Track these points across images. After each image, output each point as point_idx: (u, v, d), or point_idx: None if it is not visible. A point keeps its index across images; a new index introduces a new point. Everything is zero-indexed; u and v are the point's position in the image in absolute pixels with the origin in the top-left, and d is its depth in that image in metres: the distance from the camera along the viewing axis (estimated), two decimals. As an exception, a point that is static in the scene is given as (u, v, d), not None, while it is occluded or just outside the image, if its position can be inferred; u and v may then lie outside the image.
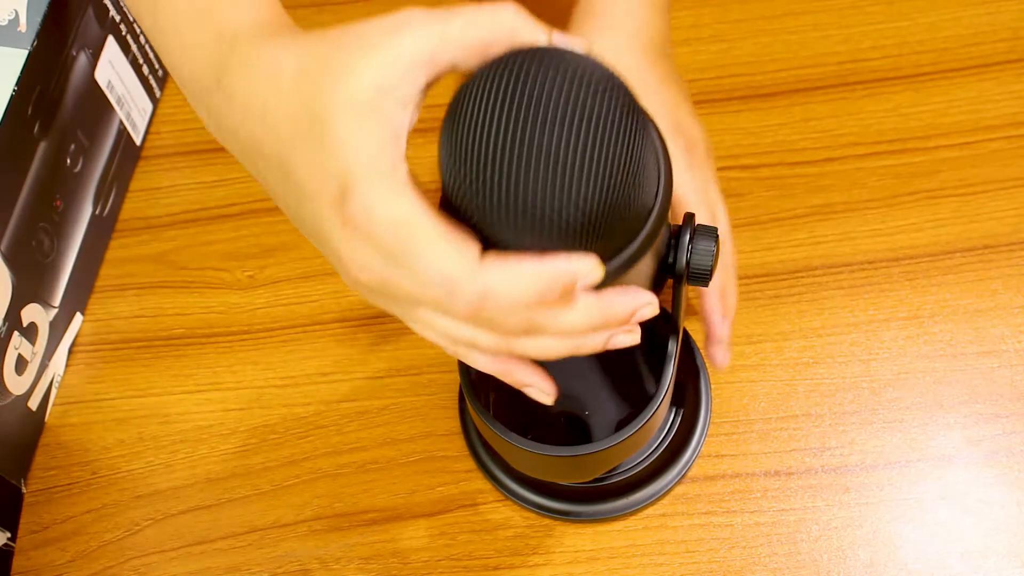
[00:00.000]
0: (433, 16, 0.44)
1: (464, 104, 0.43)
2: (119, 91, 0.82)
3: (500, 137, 0.42)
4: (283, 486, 0.72)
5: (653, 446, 0.68)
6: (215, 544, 0.70)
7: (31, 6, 0.72)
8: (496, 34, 0.44)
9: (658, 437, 0.68)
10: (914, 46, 0.83)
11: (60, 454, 0.74)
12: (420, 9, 0.45)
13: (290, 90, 0.45)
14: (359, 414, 0.74)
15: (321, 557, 0.69)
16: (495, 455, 0.69)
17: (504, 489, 0.69)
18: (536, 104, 0.42)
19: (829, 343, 0.73)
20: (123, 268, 0.81)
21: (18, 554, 0.71)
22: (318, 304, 0.77)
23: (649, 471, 0.68)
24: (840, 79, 0.82)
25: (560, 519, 0.68)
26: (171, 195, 0.83)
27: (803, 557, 0.67)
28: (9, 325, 0.69)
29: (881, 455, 0.69)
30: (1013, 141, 0.78)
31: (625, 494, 0.68)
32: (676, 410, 0.69)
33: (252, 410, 0.74)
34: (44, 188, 0.73)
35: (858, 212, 0.77)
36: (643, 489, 0.68)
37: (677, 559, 0.67)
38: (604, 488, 0.68)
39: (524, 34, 0.45)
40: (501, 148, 0.42)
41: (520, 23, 0.45)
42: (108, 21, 0.80)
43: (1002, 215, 0.76)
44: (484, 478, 0.70)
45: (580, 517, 0.68)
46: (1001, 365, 0.71)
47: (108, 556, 0.70)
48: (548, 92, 0.42)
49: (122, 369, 0.77)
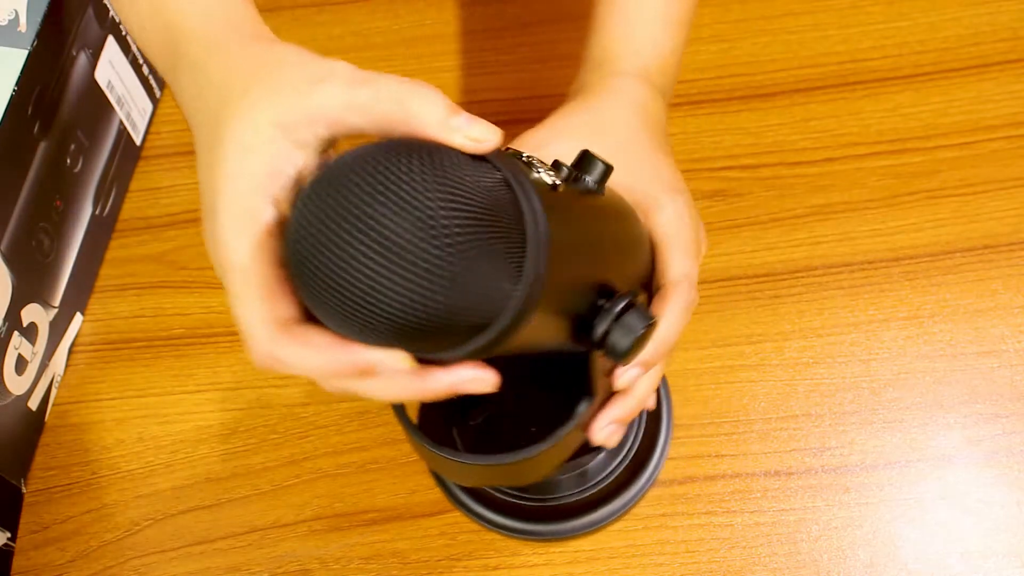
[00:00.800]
0: (354, 78, 0.47)
1: (300, 196, 0.44)
2: (119, 91, 0.82)
3: (308, 239, 0.43)
4: (283, 486, 0.72)
5: (613, 464, 0.68)
6: (215, 544, 0.70)
7: (31, 6, 0.72)
8: (396, 116, 0.46)
9: (620, 452, 0.69)
10: (914, 46, 0.83)
11: (60, 454, 0.74)
12: (349, 68, 0.47)
13: (213, 102, 0.49)
14: (359, 414, 0.74)
15: (321, 557, 0.69)
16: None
17: (465, 509, 0.69)
18: (347, 217, 0.42)
19: (829, 343, 0.73)
20: (123, 268, 0.81)
21: (18, 554, 0.71)
22: (318, 304, 0.77)
23: (613, 487, 0.68)
24: (840, 79, 0.82)
25: (520, 538, 0.68)
26: (171, 195, 0.83)
27: (803, 557, 0.67)
28: (9, 325, 0.69)
29: (881, 455, 0.69)
30: (1013, 141, 0.78)
31: (589, 511, 0.68)
32: (638, 424, 0.69)
33: (252, 410, 0.74)
34: (44, 188, 0.73)
35: (858, 212, 0.77)
36: (608, 504, 0.68)
37: (677, 559, 0.67)
38: (570, 505, 0.68)
39: (420, 124, 0.45)
40: (308, 250, 0.43)
41: (423, 111, 0.46)
42: (108, 21, 0.80)
43: (1002, 215, 0.76)
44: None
45: (540, 536, 0.68)
46: (1001, 365, 0.71)
47: (108, 556, 0.70)
48: (361, 207, 0.42)
49: (122, 369, 0.77)
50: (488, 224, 0.43)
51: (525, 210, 0.44)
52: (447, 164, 0.44)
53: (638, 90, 0.63)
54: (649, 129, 0.62)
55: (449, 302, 0.43)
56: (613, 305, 0.52)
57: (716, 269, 0.76)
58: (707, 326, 0.74)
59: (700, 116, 0.81)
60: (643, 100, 0.63)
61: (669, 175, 0.61)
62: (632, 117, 0.62)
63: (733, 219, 0.77)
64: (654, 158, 0.61)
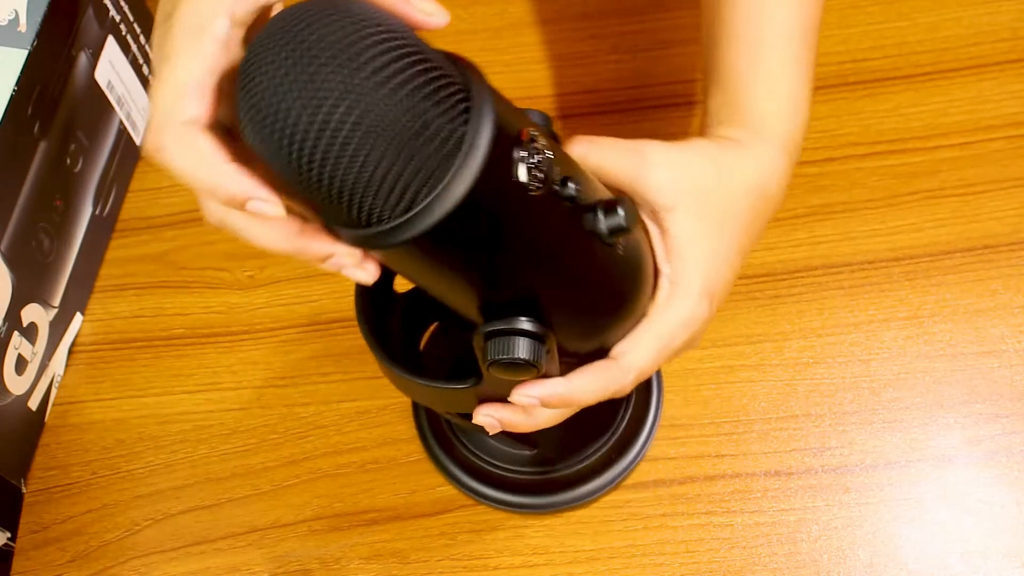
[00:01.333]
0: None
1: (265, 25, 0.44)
2: (119, 91, 0.82)
3: (257, 52, 0.43)
4: (283, 486, 0.72)
5: (602, 440, 0.69)
6: (215, 544, 0.70)
7: (31, 6, 0.72)
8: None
9: (608, 430, 0.69)
10: (914, 46, 0.83)
11: (60, 454, 0.74)
12: None
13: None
14: (359, 414, 0.74)
15: (321, 557, 0.69)
16: (448, 451, 0.70)
17: (458, 483, 0.70)
18: (295, 36, 0.42)
19: (829, 343, 0.73)
20: (123, 268, 0.81)
21: (18, 554, 0.71)
22: (318, 304, 0.77)
23: (600, 463, 0.69)
24: (840, 79, 0.82)
25: (507, 510, 0.69)
26: (171, 195, 0.83)
27: (803, 557, 0.67)
28: (9, 325, 0.69)
29: (881, 455, 0.69)
30: (1013, 141, 0.78)
31: (575, 486, 0.69)
32: (626, 403, 0.70)
33: (252, 410, 0.74)
34: (44, 188, 0.73)
35: (858, 212, 0.77)
36: (593, 481, 0.69)
37: (677, 559, 0.67)
38: (554, 480, 0.69)
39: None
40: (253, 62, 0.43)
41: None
42: (108, 21, 0.80)
43: (1002, 215, 0.76)
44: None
45: (526, 509, 0.69)
46: (1001, 365, 0.71)
47: (108, 556, 0.70)
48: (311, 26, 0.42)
49: (122, 369, 0.77)
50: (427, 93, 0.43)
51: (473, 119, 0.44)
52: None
53: (774, 165, 0.59)
54: (750, 219, 0.58)
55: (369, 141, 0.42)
56: (507, 323, 0.51)
57: (716, 269, 0.76)
58: (707, 326, 0.74)
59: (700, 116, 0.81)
60: (770, 182, 0.59)
61: (715, 275, 0.56)
62: (745, 200, 0.58)
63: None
64: (722, 250, 0.57)
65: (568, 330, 0.54)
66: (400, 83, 0.42)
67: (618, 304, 0.55)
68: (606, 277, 0.54)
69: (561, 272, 0.52)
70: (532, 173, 0.47)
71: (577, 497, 0.69)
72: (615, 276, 0.54)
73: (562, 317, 0.53)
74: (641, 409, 0.71)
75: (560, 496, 0.69)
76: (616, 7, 0.87)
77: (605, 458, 0.69)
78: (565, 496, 0.69)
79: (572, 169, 0.51)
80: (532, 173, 0.47)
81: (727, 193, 0.57)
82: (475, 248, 0.48)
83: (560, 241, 0.51)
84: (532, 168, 0.47)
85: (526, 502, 0.69)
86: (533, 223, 0.49)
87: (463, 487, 0.70)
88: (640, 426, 0.70)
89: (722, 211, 0.57)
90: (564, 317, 0.54)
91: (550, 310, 0.52)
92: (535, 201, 0.48)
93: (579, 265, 0.52)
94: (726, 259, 0.57)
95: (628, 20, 0.87)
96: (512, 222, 0.48)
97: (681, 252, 0.56)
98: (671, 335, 0.56)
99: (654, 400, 0.71)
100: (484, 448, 0.70)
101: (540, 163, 0.47)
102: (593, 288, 0.54)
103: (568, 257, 0.52)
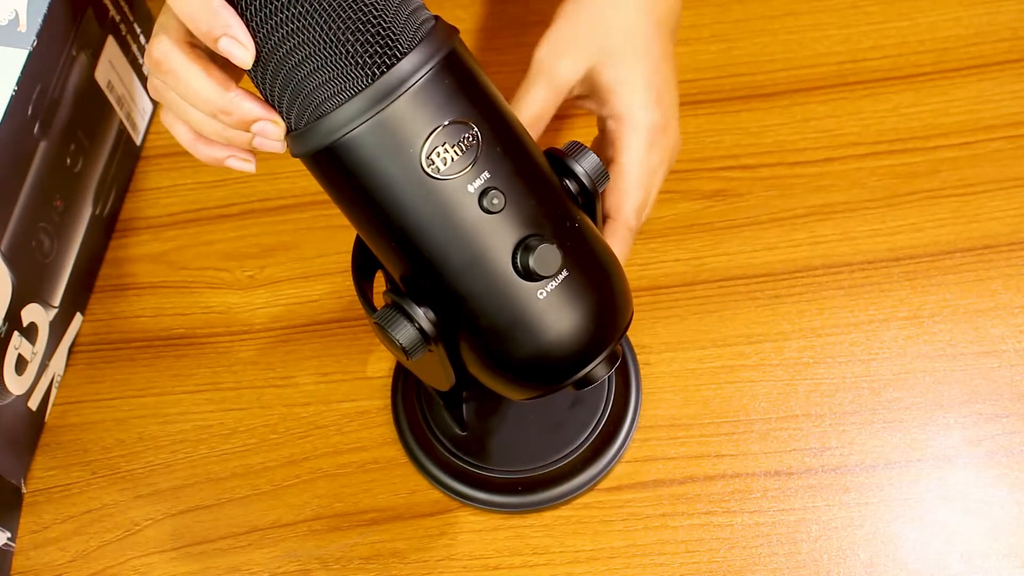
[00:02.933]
0: None
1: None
2: (119, 91, 0.82)
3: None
4: (283, 486, 0.72)
5: (579, 440, 0.69)
6: (215, 544, 0.70)
7: (31, 6, 0.72)
8: None
9: (585, 431, 0.70)
10: (914, 46, 0.83)
11: (60, 454, 0.74)
12: None
13: None
14: (359, 414, 0.74)
15: (321, 557, 0.69)
16: (426, 449, 0.70)
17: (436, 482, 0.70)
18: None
19: (829, 343, 0.73)
20: (123, 268, 0.81)
21: (18, 554, 0.71)
22: (318, 304, 0.77)
23: (579, 462, 0.69)
24: (840, 79, 0.82)
25: (489, 510, 0.69)
26: (171, 195, 0.83)
27: (803, 557, 0.67)
28: (9, 325, 0.69)
29: (881, 455, 0.69)
30: (1013, 141, 0.78)
31: (552, 485, 0.69)
32: (605, 403, 0.70)
33: (252, 410, 0.74)
34: (44, 188, 0.73)
35: (858, 212, 0.77)
36: (572, 479, 0.69)
37: (677, 559, 0.67)
38: (533, 479, 0.69)
39: None
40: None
41: None
42: (108, 21, 0.80)
43: (1002, 215, 0.76)
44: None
45: (504, 508, 0.69)
46: (1001, 365, 0.71)
47: (108, 556, 0.70)
48: None
49: (122, 369, 0.77)
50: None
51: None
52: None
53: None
54: (662, 32, 0.60)
55: None
56: (407, 305, 0.53)
57: (716, 269, 0.76)
58: (707, 326, 0.74)
59: (700, 116, 0.81)
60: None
61: (659, 87, 0.59)
62: (636, 15, 0.60)
63: (733, 219, 0.77)
64: (656, 68, 0.59)
65: (469, 355, 0.54)
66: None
67: (514, 349, 0.54)
68: (512, 309, 0.52)
69: (464, 275, 0.51)
70: (436, 155, 0.48)
71: (556, 496, 0.69)
72: (522, 310, 0.52)
73: (464, 333, 0.53)
74: (620, 407, 0.70)
75: (541, 495, 0.69)
76: (616, 7, 0.87)
77: (585, 455, 0.69)
78: (546, 495, 0.69)
79: (513, 186, 0.51)
80: (436, 155, 0.48)
81: (613, 25, 0.60)
82: (354, 195, 0.50)
83: (462, 241, 0.50)
84: (438, 149, 0.48)
85: (510, 502, 0.69)
86: (425, 203, 0.49)
87: (447, 490, 0.70)
88: (619, 424, 0.70)
89: (624, 43, 0.60)
90: (466, 334, 0.53)
91: (455, 321, 0.53)
92: (436, 185, 0.49)
93: (484, 282, 0.51)
94: (655, 71, 0.59)
95: (628, 20, 0.87)
96: (398, 190, 0.49)
97: (607, 93, 0.58)
98: (641, 163, 0.59)
99: (633, 396, 0.71)
100: (464, 448, 0.70)
101: (458, 153, 0.48)
102: (492, 315, 0.53)
103: (476, 267, 0.51)
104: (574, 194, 0.55)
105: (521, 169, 0.52)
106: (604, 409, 0.70)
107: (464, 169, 0.49)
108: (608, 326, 0.54)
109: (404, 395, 0.72)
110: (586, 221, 0.55)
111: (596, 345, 0.54)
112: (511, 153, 0.51)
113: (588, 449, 0.69)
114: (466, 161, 0.49)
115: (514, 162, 0.51)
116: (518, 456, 0.69)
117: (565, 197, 0.54)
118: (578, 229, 0.54)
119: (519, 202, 0.51)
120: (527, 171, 0.52)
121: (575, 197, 0.56)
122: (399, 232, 0.51)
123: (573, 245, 0.53)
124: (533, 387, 0.56)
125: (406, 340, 0.52)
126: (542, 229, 0.51)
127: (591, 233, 0.55)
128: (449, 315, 0.53)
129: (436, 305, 0.53)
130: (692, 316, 0.74)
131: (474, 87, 0.50)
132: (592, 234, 0.55)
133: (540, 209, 0.52)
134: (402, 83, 0.48)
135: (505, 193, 0.50)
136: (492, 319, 0.52)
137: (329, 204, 0.53)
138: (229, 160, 0.53)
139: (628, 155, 0.61)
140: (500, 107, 0.52)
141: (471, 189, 0.49)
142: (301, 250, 0.79)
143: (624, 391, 0.71)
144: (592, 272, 0.54)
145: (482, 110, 0.50)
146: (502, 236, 0.51)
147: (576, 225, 0.54)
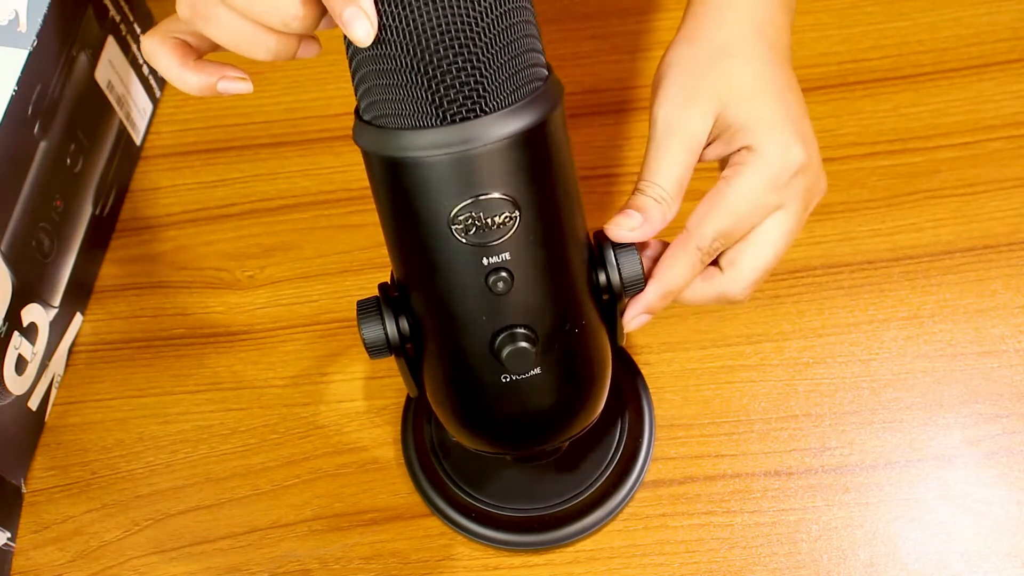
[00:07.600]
0: None
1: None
2: (119, 91, 0.82)
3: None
4: (283, 486, 0.72)
5: (598, 471, 0.68)
6: (215, 544, 0.70)
7: (31, 6, 0.72)
8: None
9: (605, 458, 0.69)
10: (914, 46, 0.83)
11: (60, 454, 0.74)
12: None
13: None
14: (359, 414, 0.74)
15: (321, 557, 0.69)
16: (441, 491, 0.69)
17: (452, 523, 0.69)
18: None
19: (829, 343, 0.73)
20: (123, 268, 0.81)
21: (18, 554, 0.71)
22: (318, 304, 0.77)
23: (599, 494, 0.68)
24: (840, 79, 0.82)
25: (511, 550, 0.68)
26: (171, 195, 0.83)
27: (803, 557, 0.67)
28: (9, 325, 0.69)
29: (881, 455, 0.69)
30: (1013, 141, 0.79)
31: (579, 518, 0.67)
32: (620, 431, 0.69)
33: (252, 410, 0.74)
34: (44, 188, 0.73)
35: (858, 212, 0.77)
36: (596, 511, 0.68)
37: (677, 559, 0.67)
38: (560, 515, 0.68)
39: None
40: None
41: None
42: (108, 21, 0.80)
43: (1002, 215, 0.76)
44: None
45: (535, 547, 0.67)
46: (1001, 365, 0.71)
47: (108, 556, 0.70)
48: None
49: (122, 369, 0.77)
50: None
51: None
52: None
53: (758, 6, 0.57)
54: (777, 58, 0.56)
55: None
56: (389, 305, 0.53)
57: (716, 269, 0.76)
58: (707, 326, 0.74)
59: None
60: (761, 15, 0.56)
61: (796, 121, 0.55)
62: (751, 43, 0.56)
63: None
64: (785, 100, 0.55)
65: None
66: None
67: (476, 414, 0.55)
68: (476, 376, 0.53)
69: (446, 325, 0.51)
70: (468, 220, 0.47)
71: (574, 532, 0.68)
72: (483, 382, 0.53)
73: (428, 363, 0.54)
74: (633, 440, 0.70)
75: (558, 532, 0.68)
76: (616, 7, 0.87)
77: (601, 491, 0.68)
78: (563, 532, 0.68)
79: (527, 275, 0.50)
80: (468, 220, 0.47)
81: (726, 54, 0.56)
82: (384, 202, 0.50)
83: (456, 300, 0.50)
84: (472, 215, 0.47)
85: (525, 540, 0.68)
86: (438, 252, 0.49)
87: (458, 528, 0.68)
88: (634, 458, 0.69)
89: (741, 75, 0.56)
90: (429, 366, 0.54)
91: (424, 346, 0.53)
92: (454, 243, 0.48)
93: (461, 341, 0.52)
94: (772, 92, 0.55)
95: (628, 20, 0.87)
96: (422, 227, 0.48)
97: (738, 130, 0.55)
98: (747, 193, 0.55)
99: (646, 435, 0.70)
100: (477, 485, 0.69)
101: (490, 226, 0.47)
102: (457, 370, 0.53)
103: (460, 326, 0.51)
104: (599, 286, 0.53)
105: (545, 262, 0.50)
106: (617, 448, 0.69)
107: (487, 242, 0.48)
108: (557, 430, 0.56)
109: (418, 450, 0.71)
110: (591, 325, 0.54)
111: (538, 441, 0.56)
112: (545, 243, 0.49)
113: (601, 487, 0.68)
114: (493, 237, 0.47)
115: (542, 252, 0.50)
116: (532, 495, 0.68)
117: (581, 298, 0.53)
118: (576, 334, 0.53)
119: (526, 292, 0.50)
120: (551, 265, 0.50)
121: (599, 288, 0.54)
122: (407, 253, 0.51)
123: (561, 347, 0.52)
124: (468, 443, 0.57)
125: (370, 337, 0.53)
126: (536, 324, 0.51)
127: (588, 339, 0.54)
128: (420, 340, 0.54)
129: (413, 324, 0.53)
130: (692, 316, 0.74)
131: (544, 168, 0.48)
132: (590, 340, 0.54)
133: (545, 305, 0.51)
134: (467, 141, 0.45)
135: (516, 279, 0.49)
136: (456, 372, 0.54)
137: (329, 204, 0.54)
138: (221, 82, 0.50)
139: (739, 179, 0.56)
140: (560, 193, 0.49)
141: (485, 262, 0.48)
142: (301, 250, 0.79)
143: (637, 426, 0.70)
144: (565, 379, 0.54)
145: (537, 194, 0.48)
146: (493, 315, 0.50)
147: (576, 330, 0.53)
